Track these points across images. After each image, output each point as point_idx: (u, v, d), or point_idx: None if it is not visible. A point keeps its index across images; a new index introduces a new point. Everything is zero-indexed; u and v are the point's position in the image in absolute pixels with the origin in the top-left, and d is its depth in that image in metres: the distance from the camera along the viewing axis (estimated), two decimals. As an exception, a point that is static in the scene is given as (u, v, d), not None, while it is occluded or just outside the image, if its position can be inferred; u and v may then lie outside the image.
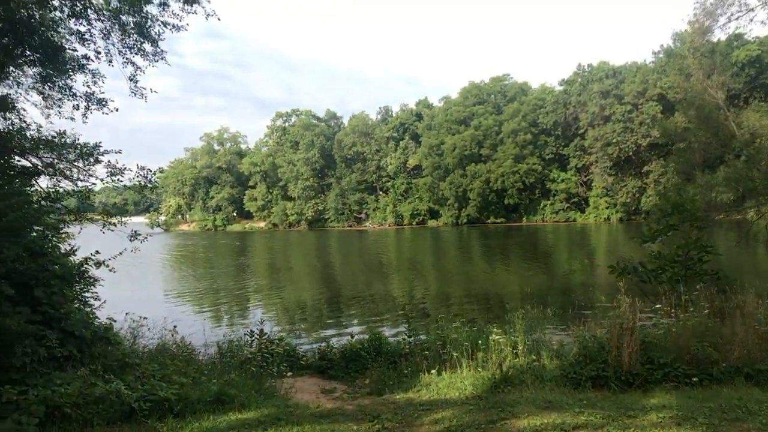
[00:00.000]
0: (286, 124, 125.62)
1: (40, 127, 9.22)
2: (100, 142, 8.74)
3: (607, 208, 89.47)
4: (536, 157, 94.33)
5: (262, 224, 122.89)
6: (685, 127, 44.10)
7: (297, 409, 7.52)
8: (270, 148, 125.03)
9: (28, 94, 9.50)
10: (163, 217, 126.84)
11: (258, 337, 11.79)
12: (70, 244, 8.95)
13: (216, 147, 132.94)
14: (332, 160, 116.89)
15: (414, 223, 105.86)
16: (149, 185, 9.17)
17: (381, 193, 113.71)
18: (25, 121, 9.23)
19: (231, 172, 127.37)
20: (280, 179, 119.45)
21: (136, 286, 31.81)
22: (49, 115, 9.73)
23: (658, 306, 10.35)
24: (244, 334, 12.08)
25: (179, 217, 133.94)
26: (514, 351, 9.71)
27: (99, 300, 9.31)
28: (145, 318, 10.62)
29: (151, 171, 9.11)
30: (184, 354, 10.46)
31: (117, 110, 9.69)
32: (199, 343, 12.25)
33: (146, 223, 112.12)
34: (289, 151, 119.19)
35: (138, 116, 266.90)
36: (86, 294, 9.05)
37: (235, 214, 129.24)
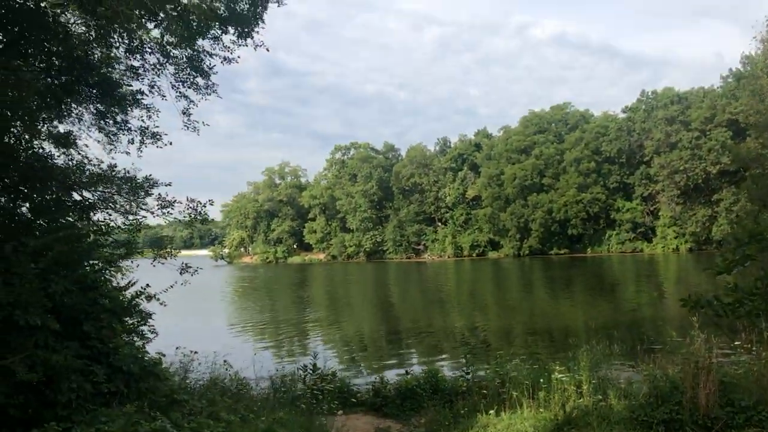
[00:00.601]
0: (345, 157, 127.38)
1: (101, 162, 9.38)
2: (150, 175, 8.81)
3: (675, 237, 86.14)
4: (600, 186, 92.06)
5: (321, 256, 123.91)
6: (759, 153, 42.26)
7: (347, 450, 7.21)
8: (329, 181, 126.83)
9: (89, 130, 9.72)
10: (226, 250, 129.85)
11: (311, 371, 11.56)
12: (123, 277, 8.95)
13: (277, 181, 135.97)
14: (390, 192, 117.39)
15: (474, 254, 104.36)
16: (198, 218, 9.15)
17: (439, 224, 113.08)
18: (86, 157, 9.41)
19: (291, 205, 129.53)
20: (338, 211, 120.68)
21: (204, 317, 32.69)
22: (110, 151, 9.91)
23: (736, 343, 9.59)
24: (297, 369, 11.88)
25: (242, 249, 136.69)
26: (579, 390, 9.13)
27: (154, 333, 9.24)
28: (195, 352, 10.53)
29: (200, 203, 9.10)
30: (237, 389, 10.33)
31: (171, 144, 9.78)
32: (254, 376, 12.13)
33: (210, 256, 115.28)
34: (348, 183, 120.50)
35: (207, 153, 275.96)
36: (142, 327, 9.00)
37: (295, 246, 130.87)
